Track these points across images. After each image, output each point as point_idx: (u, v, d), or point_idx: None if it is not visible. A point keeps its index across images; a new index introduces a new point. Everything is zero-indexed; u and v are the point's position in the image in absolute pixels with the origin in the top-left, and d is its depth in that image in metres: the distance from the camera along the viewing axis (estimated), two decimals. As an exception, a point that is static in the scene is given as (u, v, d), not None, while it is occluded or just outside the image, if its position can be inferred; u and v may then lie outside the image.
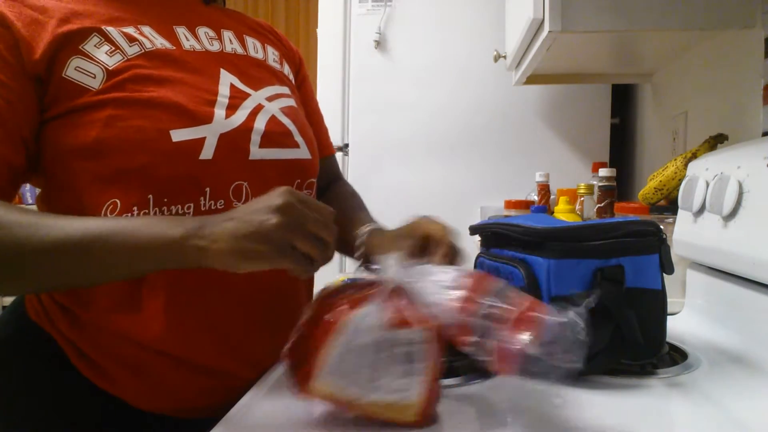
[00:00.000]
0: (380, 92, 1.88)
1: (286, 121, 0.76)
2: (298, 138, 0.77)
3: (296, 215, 0.54)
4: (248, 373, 0.69)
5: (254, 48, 0.82)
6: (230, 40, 0.79)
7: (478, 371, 0.66)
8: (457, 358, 0.68)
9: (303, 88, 0.92)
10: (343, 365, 0.49)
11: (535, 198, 1.59)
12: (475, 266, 0.80)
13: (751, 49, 0.99)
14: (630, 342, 0.62)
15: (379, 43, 1.87)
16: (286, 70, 0.86)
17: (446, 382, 0.63)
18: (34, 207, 0.69)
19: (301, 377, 0.51)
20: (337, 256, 0.70)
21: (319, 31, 1.95)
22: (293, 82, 0.88)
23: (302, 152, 0.77)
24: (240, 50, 0.79)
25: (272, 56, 0.84)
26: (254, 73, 0.78)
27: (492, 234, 0.76)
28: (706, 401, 0.58)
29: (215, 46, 0.76)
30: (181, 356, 0.68)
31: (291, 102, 0.80)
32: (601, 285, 0.63)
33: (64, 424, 0.68)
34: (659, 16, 0.97)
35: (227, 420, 0.56)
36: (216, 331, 0.69)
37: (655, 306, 0.67)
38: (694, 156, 1.01)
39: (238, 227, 0.53)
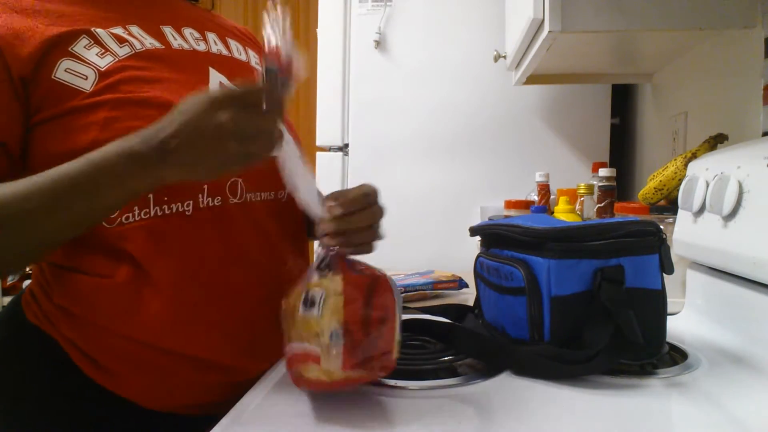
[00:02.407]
0: (380, 92, 1.88)
1: None
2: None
3: (240, 126, 0.54)
4: (253, 368, 0.69)
5: (237, 50, 0.83)
6: (215, 42, 0.80)
7: (478, 371, 0.66)
8: (458, 357, 0.68)
9: None
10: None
11: (535, 198, 1.59)
12: (475, 266, 0.80)
13: (751, 49, 0.99)
14: (630, 342, 0.62)
15: (379, 43, 1.87)
16: None
17: (446, 382, 0.63)
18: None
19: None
20: None
21: (319, 31, 1.95)
22: None
23: None
24: (225, 52, 0.80)
25: (254, 59, 0.85)
26: (240, 73, 0.79)
27: (492, 235, 0.76)
28: (706, 401, 0.58)
29: (201, 47, 0.77)
30: (185, 352, 0.68)
31: None
32: (601, 285, 0.63)
33: (67, 424, 0.68)
34: (659, 16, 0.97)
35: (230, 416, 0.56)
36: (220, 327, 0.69)
37: (655, 306, 0.67)
38: (694, 156, 1.01)
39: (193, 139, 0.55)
